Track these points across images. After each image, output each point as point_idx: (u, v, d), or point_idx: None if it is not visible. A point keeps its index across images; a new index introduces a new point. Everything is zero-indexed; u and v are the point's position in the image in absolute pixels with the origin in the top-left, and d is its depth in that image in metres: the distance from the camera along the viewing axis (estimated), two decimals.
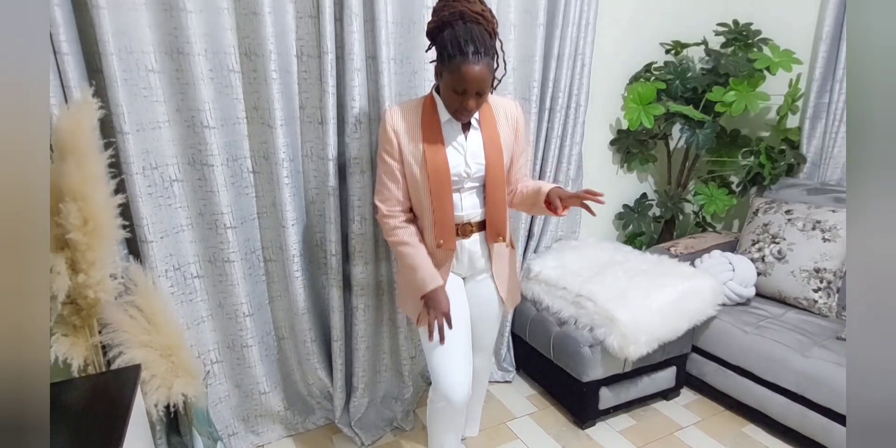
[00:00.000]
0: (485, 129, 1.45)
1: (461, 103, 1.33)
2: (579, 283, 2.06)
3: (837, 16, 2.29)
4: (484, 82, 1.28)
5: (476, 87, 1.29)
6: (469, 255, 1.56)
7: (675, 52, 2.60)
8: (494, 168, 1.45)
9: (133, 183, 1.50)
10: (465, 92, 1.30)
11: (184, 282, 1.71)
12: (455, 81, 1.29)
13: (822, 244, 2.13)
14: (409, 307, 1.61)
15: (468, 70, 1.26)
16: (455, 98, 1.33)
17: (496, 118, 1.48)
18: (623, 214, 2.77)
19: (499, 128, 1.47)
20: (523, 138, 1.55)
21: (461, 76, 1.27)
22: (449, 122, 1.43)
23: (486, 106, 1.46)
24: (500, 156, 1.45)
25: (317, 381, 2.05)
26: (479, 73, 1.27)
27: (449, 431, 1.63)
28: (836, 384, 1.74)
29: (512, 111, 1.51)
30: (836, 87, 2.32)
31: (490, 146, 1.45)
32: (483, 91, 1.31)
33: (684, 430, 2.07)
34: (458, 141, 1.44)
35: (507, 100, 1.54)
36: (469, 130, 1.46)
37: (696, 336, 2.18)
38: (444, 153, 1.41)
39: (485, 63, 1.27)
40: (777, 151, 2.44)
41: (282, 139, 1.69)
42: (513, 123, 1.50)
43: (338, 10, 1.65)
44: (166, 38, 1.51)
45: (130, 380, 1.23)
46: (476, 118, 1.45)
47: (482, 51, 1.27)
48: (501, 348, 2.40)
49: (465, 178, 1.45)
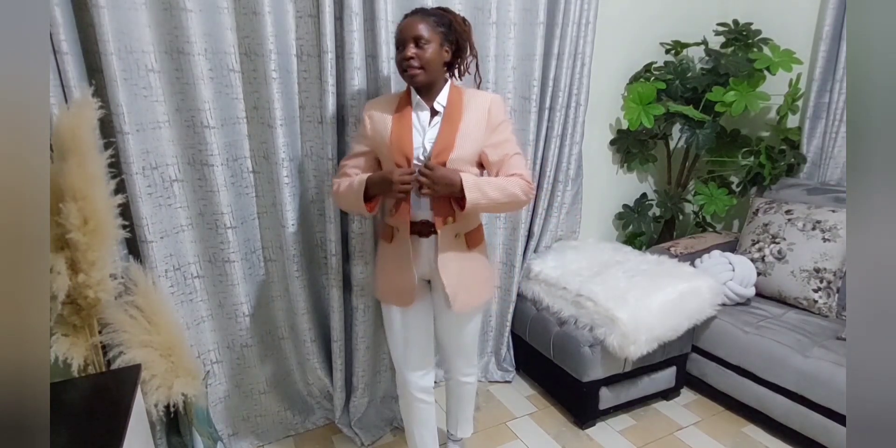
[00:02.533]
0: (448, 116, 1.44)
1: (402, 56, 1.38)
2: (579, 283, 2.06)
3: (837, 16, 2.29)
4: (417, 29, 1.35)
5: (409, 32, 1.36)
6: (427, 255, 1.51)
7: (675, 51, 2.60)
8: (443, 153, 1.40)
9: (133, 183, 1.50)
10: (404, 43, 1.37)
11: (184, 282, 1.71)
12: (396, 37, 1.40)
13: (822, 244, 2.13)
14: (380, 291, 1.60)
15: (404, 22, 1.39)
16: (398, 55, 1.39)
17: (465, 107, 1.46)
18: (623, 214, 2.77)
19: (464, 115, 1.44)
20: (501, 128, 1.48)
21: (399, 28, 1.39)
22: (419, 105, 1.46)
23: (456, 96, 1.46)
24: (451, 142, 1.41)
25: (317, 381, 2.05)
26: (412, 21, 1.37)
27: (415, 424, 1.68)
28: (836, 384, 1.74)
29: (484, 101, 1.47)
30: (836, 87, 2.32)
31: (446, 131, 1.42)
32: (420, 37, 1.35)
33: (684, 430, 2.07)
34: (421, 124, 1.45)
35: (483, 92, 1.52)
36: (434, 116, 1.46)
37: (696, 336, 2.18)
38: (410, 134, 1.43)
39: (421, 18, 1.37)
40: (777, 151, 2.44)
41: (282, 139, 1.69)
42: (483, 113, 1.45)
43: (338, 9, 1.65)
44: (166, 37, 1.51)
45: (130, 380, 1.23)
46: (443, 105, 1.45)
47: (420, 11, 1.40)
48: (501, 348, 2.40)
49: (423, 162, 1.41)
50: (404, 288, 1.52)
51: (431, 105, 1.45)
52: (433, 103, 1.45)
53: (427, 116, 1.46)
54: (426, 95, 1.46)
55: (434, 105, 1.45)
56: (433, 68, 1.39)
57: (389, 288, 1.56)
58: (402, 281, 1.51)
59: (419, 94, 1.45)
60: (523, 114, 2.12)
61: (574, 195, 2.40)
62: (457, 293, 1.50)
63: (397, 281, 1.53)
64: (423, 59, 1.37)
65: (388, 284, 1.57)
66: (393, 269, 1.53)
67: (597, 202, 2.70)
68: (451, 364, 1.74)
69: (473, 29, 1.92)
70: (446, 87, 1.47)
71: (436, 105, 1.45)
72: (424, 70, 1.38)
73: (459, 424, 1.86)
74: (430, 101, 1.46)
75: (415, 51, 1.36)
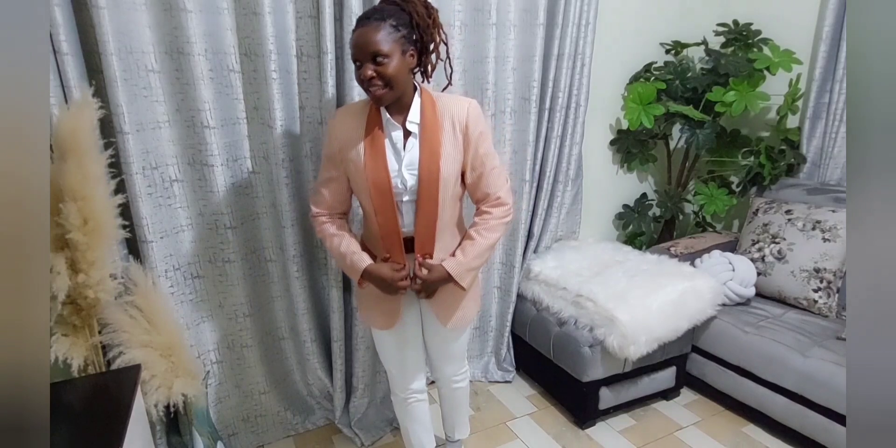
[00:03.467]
0: (424, 138, 1.31)
1: (361, 76, 1.22)
2: (579, 283, 2.06)
3: (837, 16, 2.29)
4: (372, 43, 1.18)
5: (366, 49, 1.19)
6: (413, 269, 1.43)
7: (675, 52, 2.60)
8: (428, 181, 1.31)
9: (133, 183, 1.50)
10: (361, 62, 1.22)
11: (184, 282, 1.71)
12: (352, 52, 1.23)
13: (822, 244, 2.13)
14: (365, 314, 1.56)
15: (355, 35, 1.21)
16: (358, 73, 1.24)
17: (441, 124, 1.33)
18: (623, 214, 2.77)
19: (442, 136, 1.32)
20: (479, 143, 1.36)
21: (353, 43, 1.22)
22: (389, 122, 1.32)
23: (430, 109, 1.32)
24: (436, 168, 1.31)
25: (317, 382, 2.05)
26: (365, 34, 1.19)
27: (409, 421, 1.69)
28: (836, 384, 1.74)
29: (461, 114, 1.33)
30: (836, 87, 2.32)
31: (426, 156, 1.31)
32: (378, 53, 1.19)
33: (684, 430, 2.07)
34: (396, 148, 1.33)
35: (459, 99, 1.36)
36: (409, 138, 1.33)
37: (696, 336, 2.18)
38: (385, 162, 1.31)
39: (375, 27, 1.19)
40: (777, 151, 2.44)
41: (282, 139, 1.69)
42: (461, 129, 1.33)
43: (338, 10, 1.65)
44: (166, 38, 1.51)
45: (130, 380, 1.23)
46: (417, 124, 1.32)
47: (373, 15, 1.21)
48: (501, 348, 2.40)
49: (403, 190, 1.34)
50: (390, 308, 1.47)
51: (403, 123, 1.33)
52: (405, 122, 1.33)
53: (400, 136, 1.34)
54: (396, 112, 1.33)
55: (406, 124, 1.32)
56: (400, 81, 1.25)
57: (375, 309, 1.50)
58: (387, 299, 1.46)
59: (388, 112, 1.33)
60: (523, 114, 2.12)
61: (574, 195, 2.40)
62: (451, 311, 1.49)
63: (382, 300, 1.47)
64: (386, 77, 1.22)
65: (373, 305, 1.50)
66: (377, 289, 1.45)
67: (597, 202, 2.70)
68: (441, 372, 1.69)
69: (473, 31, 1.93)
70: (416, 98, 1.33)
71: (409, 124, 1.32)
72: (390, 87, 1.24)
73: (456, 427, 1.85)
74: (401, 118, 1.33)
75: (374, 68, 1.21)
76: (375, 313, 1.51)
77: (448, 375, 1.69)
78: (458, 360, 1.67)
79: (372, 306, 1.51)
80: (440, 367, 1.67)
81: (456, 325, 1.52)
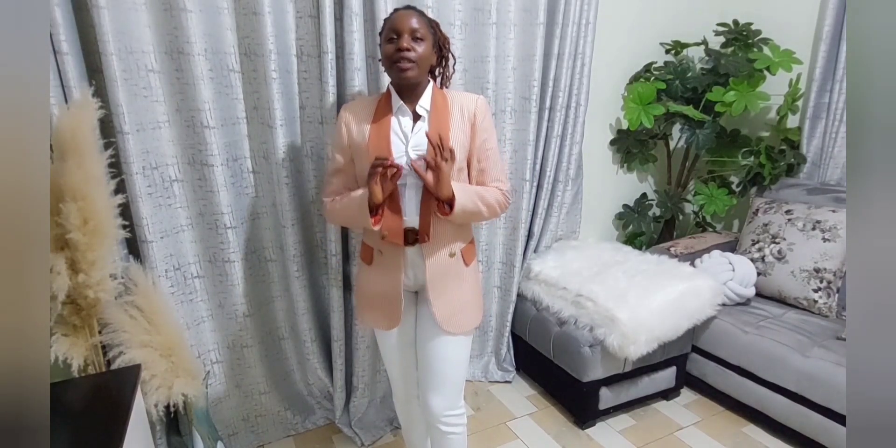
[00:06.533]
0: (433, 122, 1.35)
1: (396, 47, 1.28)
2: (579, 283, 2.06)
3: (837, 16, 2.29)
4: (414, 22, 1.28)
5: (406, 24, 1.28)
6: (413, 265, 1.41)
7: (675, 52, 2.60)
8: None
9: (133, 183, 1.50)
10: (398, 34, 1.28)
11: (184, 282, 1.71)
12: (389, 28, 1.30)
13: (822, 244, 2.13)
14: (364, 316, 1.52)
15: (399, 13, 1.31)
16: (391, 47, 1.29)
17: (450, 112, 1.37)
18: (623, 214, 2.77)
19: (451, 122, 1.36)
20: (485, 136, 1.41)
21: (393, 19, 1.31)
22: (400, 110, 1.36)
23: (440, 99, 1.38)
24: None
25: (317, 381, 2.05)
26: (408, 14, 1.30)
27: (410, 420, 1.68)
28: (836, 384, 1.74)
29: (469, 106, 1.39)
30: (836, 87, 2.32)
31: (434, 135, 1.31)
32: (417, 31, 1.28)
33: (684, 430, 2.07)
34: (403, 130, 1.36)
35: (467, 95, 1.43)
36: (417, 122, 1.36)
37: (696, 336, 2.18)
38: (388, 141, 1.33)
39: (417, 13, 1.31)
40: (777, 151, 2.44)
41: (282, 139, 1.69)
42: (469, 118, 1.38)
43: (338, 9, 1.65)
44: (166, 38, 1.51)
45: (130, 380, 1.23)
46: (426, 109, 1.36)
47: (413, 8, 1.34)
48: (501, 348, 2.40)
49: (407, 171, 1.33)
50: (392, 308, 1.42)
51: (414, 109, 1.36)
52: (415, 107, 1.36)
53: (409, 122, 1.36)
54: (408, 98, 1.36)
55: (416, 109, 1.36)
56: (424, 67, 1.32)
57: (377, 309, 1.46)
58: (387, 299, 1.42)
59: (401, 96, 1.36)
60: (523, 114, 2.12)
61: (574, 195, 2.40)
62: (452, 314, 1.42)
63: (382, 299, 1.43)
64: (418, 55, 1.29)
65: (373, 305, 1.47)
66: (378, 285, 1.43)
67: (597, 202, 2.70)
68: (429, 403, 1.44)
69: (473, 30, 1.94)
70: (429, 88, 1.38)
71: (418, 109, 1.36)
72: (417, 66, 1.29)
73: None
74: (412, 104, 1.36)
75: (411, 43, 1.28)
76: (378, 314, 1.47)
77: (438, 411, 1.43)
78: (450, 390, 1.43)
79: (374, 307, 1.47)
80: (430, 394, 1.44)
81: (454, 327, 1.41)
